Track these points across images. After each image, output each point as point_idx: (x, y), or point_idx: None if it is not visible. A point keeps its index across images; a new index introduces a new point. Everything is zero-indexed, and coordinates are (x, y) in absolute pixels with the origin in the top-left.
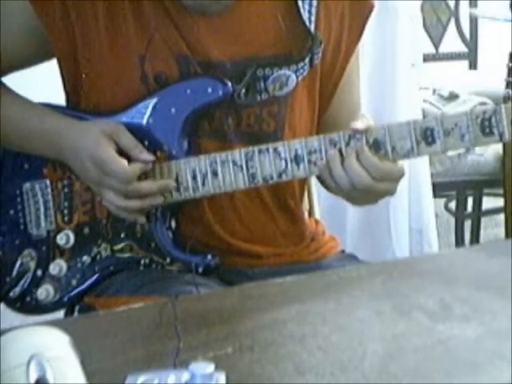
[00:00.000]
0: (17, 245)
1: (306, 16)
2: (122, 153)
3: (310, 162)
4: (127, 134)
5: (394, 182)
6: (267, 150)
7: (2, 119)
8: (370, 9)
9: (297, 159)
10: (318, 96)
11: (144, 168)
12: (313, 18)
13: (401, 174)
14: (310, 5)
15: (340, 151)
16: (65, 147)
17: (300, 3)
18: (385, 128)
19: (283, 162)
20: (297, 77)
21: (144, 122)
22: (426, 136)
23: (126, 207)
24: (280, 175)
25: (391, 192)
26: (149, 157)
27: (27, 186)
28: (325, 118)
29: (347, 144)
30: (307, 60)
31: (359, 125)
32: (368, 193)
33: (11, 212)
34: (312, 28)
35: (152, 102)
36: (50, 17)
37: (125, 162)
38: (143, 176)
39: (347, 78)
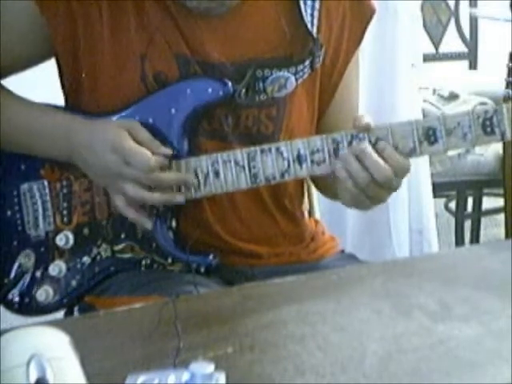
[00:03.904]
0: (15, 246)
1: (307, 19)
2: None
3: (312, 161)
4: (143, 129)
5: (400, 179)
6: (269, 149)
7: (6, 121)
8: (371, 13)
9: (299, 159)
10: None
11: (163, 162)
12: (315, 21)
13: (408, 170)
14: (312, 8)
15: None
16: (77, 143)
17: (302, 6)
18: (387, 127)
19: (286, 162)
20: (296, 79)
21: (144, 121)
22: (429, 135)
23: (145, 198)
24: (282, 175)
25: (396, 188)
26: (168, 150)
27: (25, 186)
28: (322, 122)
29: (349, 143)
30: (307, 63)
31: (365, 119)
32: (383, 188)
33: (9, 213)
34: (314, 31)
35: (152, 101)
36: (53, 14)
37: (148, 151)
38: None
39: (346, 82)
